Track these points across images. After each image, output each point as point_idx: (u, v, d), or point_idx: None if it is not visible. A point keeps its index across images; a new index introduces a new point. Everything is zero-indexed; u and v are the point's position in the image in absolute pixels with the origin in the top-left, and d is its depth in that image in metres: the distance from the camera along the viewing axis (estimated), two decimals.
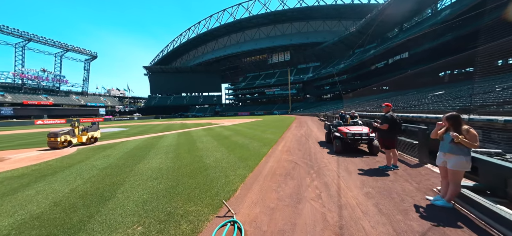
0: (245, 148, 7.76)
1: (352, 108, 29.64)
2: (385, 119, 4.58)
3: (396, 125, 4.49)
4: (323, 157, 5.89)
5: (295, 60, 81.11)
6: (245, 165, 5.24)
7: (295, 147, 7.64)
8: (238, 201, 3.16)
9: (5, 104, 54.57)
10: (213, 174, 4.53)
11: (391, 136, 4.53)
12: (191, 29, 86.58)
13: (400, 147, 5.73)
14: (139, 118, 74.65)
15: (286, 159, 5.76)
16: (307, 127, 16.69)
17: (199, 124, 25.60)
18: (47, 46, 64.53)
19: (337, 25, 68.31)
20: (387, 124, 4.51)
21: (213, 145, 8.58)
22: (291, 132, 12.96)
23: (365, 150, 6.51)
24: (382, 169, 4.48)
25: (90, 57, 76.71)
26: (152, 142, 10.38)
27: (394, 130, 4.53)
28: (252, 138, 10.50)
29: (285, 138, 10.29)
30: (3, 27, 53.70)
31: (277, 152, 6.90)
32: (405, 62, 33.11)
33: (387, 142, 4.54)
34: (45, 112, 59.89)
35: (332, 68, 61.01)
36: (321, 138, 9.99)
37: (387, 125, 4.50)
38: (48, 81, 66.70)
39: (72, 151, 8.42)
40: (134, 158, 6.40)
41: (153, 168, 5.12)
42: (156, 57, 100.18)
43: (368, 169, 4.60)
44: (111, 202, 3.14)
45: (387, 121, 4.52)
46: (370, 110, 20.37)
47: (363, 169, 4.56)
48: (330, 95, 69.66)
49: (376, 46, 46.07)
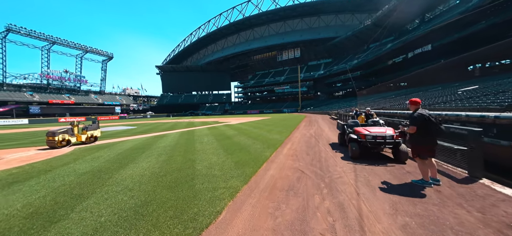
0: (246, 150, 6.91)
1: (366, 105, 27.75)
2: (413, 119, 3.41)
3: (430, 126, 3.29)
4: (336, 164, 4.89)
5: (305, 57, 78.77)
6: (240, 173, 4.39)
7: (302, 150, 6.66)
8: (219, 231, 2.32)
9: (34, 103, 58.83)
10: (199, 185, 3.73)
11: (425, 141, 3.37)
12: (201, 27, 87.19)
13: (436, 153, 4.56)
14: (152, 116, 76.77)
15: (291, 166, 4.83)
16: (317, 126, 15.51)
17: (206, 123, 25.20)
18: (69, 48, 68.24)
19: (351, 19, 65.10)
20: (414, 125, 3.37)
21: (212, 147, 7.83)
22: (299, 132, 11.92)
23: (388, 155, 5.40)
24: (417, 185, 3.41)
25: (107, 58, 79.91)
26: (151, 142, 9.87)
27: (428, 133, 3.34)
28: (256, 139, 9.63)
29: (293, 139, 9.31)
30: (31, 32, 57.53)
31: (282, 156, 5.97)
32: (427, 56, 30.36)
33: (420, 150, 3.42)
34: (67, 110, 63.65)
35: (345, 65, 58.28)
36: (333, 139, 8.89)
37: (414, 128, 3.37)
38: (70, 81, 70.51)
39: (67, 151, 8.08)
40: (122, 161, 5.80)
41: (135, 175, 4.43)
42: (167, 57, 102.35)
43: (398, 183, 3.55)
44: (54, 230, 2.43)
45: (415, 122, 3.36)
46: (388, 107, 18.64)
47: (391, 184, 3.53)
48: (342, 92, 66.81)
49: (394, 40, 43.03)
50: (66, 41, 65.72)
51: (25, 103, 57.03)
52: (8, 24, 54.03)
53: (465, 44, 24.85)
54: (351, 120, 6.58)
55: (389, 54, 40.48)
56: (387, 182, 3.61)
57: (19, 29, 55.16)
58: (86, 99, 74.10)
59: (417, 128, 3.36)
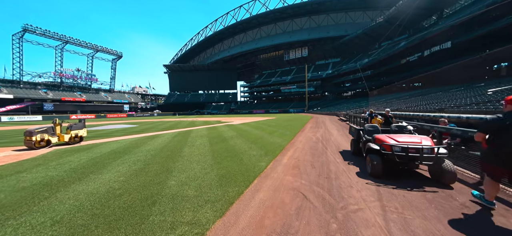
0: (238, 158, 5.77)
1: (378, 106, 25.93)
2: (492, 123, 2.30)
3: None
4: (351, 183, 3.65)
5: (313, 56, 76.71)
6: (220, 195, 3.26)
7: (307, 160, 5.44)
8: None
9: (47, 100, 61.03)
10: (156, 216, 2.63)
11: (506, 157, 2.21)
12: (208, 27, 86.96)
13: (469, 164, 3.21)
14: (158, 114, 77.37)
15: (290, 186, 3.64)
16: (324, 128, 14.14)
17: (208, 122, 24.30)
18: (81, 47, 69.96)
19: (361, 16, 62.57)
20: (487, 132, 2.30)
21: (201, 152, 6.75)
22: (304, 135, 10.65)
23: (423, 173, 4.09)
24: (478, 201, 2.29)
25: (117, 56, 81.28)
26: (139, 143, 8.94)
27: None
28: (254, 142, 8.47)
29: (296, 144, 8.08)
30: (46, 32, 59.34)
31: (280, 168, 4.79)
32: (446, 54, 28.01)
33: (495, 171, 2.27)
34: (78, 107, 65.45)
35: (355, 64, 55.99)
36: (344, 145, 7.58)
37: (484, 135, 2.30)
38: (82, 79, 72.31)
39: (41, 153, 7.27)
40: (87, 170, 4.82)
41: (84, 194, 3.40)
42: (175, 56, 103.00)
43: (454, 228, 2.29)
44: None
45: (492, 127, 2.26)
46: (404, 109, 16.92)
47: (442, 228, 2.27)
48: (351, 92, 64.34)
49: (408, 37, 40.56)
50: (78, 41, 67.38)
51: (40, 100, 59.00)
52: (25, 24, 55.80)
53: (490, 41, 22.55)
54: (368, 125, 5.24)
55: (402, 52, 38.09)
56: (437, 223, 2.35)
57: (34, 29, 56.88)
58: (96, 97, 75.69)
59: (492, 136, 2.17)
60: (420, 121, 9.21)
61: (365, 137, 4.83)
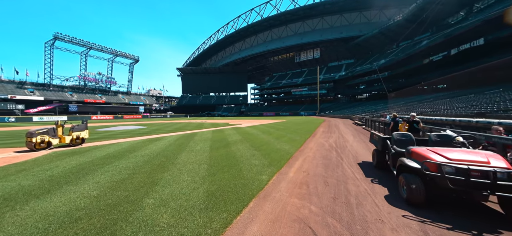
0: (237, 169, 4.95)
1: (396, 109, 23.88)
2: None
3: None
4: (380, 217, 2.67)
5: (325, 57, 74.43)
6: (201, 226, 2.45)
7: (318, 174, 4.49)
8: None
9: (72, 102, 65.62)
10: None
11: None
12: (220, 30, 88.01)
13: None
14: (171, 116, 79.17)
15: (295, 216, 2.74)
16: (338, 133, 12.90)
17: (215, 124, 23.84)
18: (102, 52, 74.46)
19: (377, 16, 59.59)
20: None
21: (198, 159, 6.03)
22: (316, 141, 9.59)
23: (491, 206, 2.99)
24: None
25: (134, 60, 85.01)
26: (138, 146, 8.46)
27: None
28: (259, 149, 7.61)
29: (306, 152, 7.10)
30: (73, 39, 64.15)
31: (284, 185, 3.89)
32: (477, 52, 25.25)
33: None
34: (99, 109, 69.45)
35: (370, 65, 53.24)
36: (363, 155, 6.48)
37: None
38: (103, 82, 76.57)
39: (40, 154, 7.03)
40: (64, 180, 4.27)
41: (38, 215, 2.77)
42: (188, 59, 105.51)
43: None
44: None
45: None
46: (430, 113, 15.08)
47: None
48: (366, 95, 61.26)
49: (431, 35, 37.58)
50: (100, 46, 72.05)
51: (66, 102, 63.66)
52: (56, 33, 60.81)
53: None
54: (398, 133, 4.09)
55: (424, 51, 35.26)
56: None
57: (63, 37, 61.84)
58: (115, 99, 79.38)
59: None
60: (454, 128, 7.81)
61: (394, 149, 3.79)
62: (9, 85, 56.81)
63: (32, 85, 60.67)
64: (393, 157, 3.69)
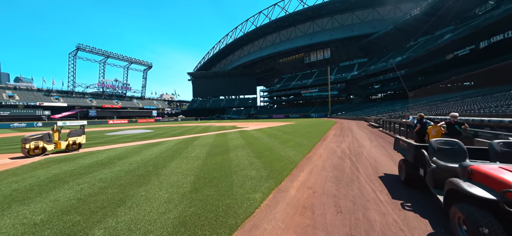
0: (228, 182, 4.07)
1: (419, 110, 21.77)
2: None
3: None
4: None
5: (336, 57, 72.00)
6: None
7: (328, 193, 3.49)
8: None
9: (92, 107, 69.38)
10: None
11: None
12: (229, 34, 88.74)
13: None
14: (182, 119, 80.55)
15: None
16: (352, 136, 11.61)
17: (222, 127, 23.25)
18: (119, 60, 78.33)
19: (392, 11, 56.65)
20: None
21: (188, 169, 5.24)
22: (326, 146, 8.48)
23: None
24: None
25: (147, 67, 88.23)
26: (132, 152, 7.89)
27: None
28: (260, 156, 6.70)
29: (314, 160, 6.07)
30: (93, 49, 68.22)
31: (281, 209, 2.95)
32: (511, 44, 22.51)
33: None
34: (115, 113, 72.86)
35: (385, 63, 50.39)
36: (384, 164, 5.34)
37: None
38: (119, 88, 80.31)
39: (32, 161, 6.72)
40: (22, 195, 3.66)
41: None
42: (198, 64, 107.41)
43: None
44: None
45: None
46: (462, 112, 13.25)
47: None
48: (381, 95, 57.97)
49: (454, 29, 34.59)
50: (117, 55, 76.24)
51: (86, 107, 67.84)
52: (78, 44, 65.34)
53: None
54: (437, 140, 2.91)
55: (447, 46, 32.44)
56: None
57: (85, 47, 66.32)
58: (130, 104, 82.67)
59: None
60: (498, 130, 6.39)
61: (434, 162, 2.72)
62: (38, 93, 61.61)
63: (57, 92, 65.34)
64: (434, 174, 2.61)
